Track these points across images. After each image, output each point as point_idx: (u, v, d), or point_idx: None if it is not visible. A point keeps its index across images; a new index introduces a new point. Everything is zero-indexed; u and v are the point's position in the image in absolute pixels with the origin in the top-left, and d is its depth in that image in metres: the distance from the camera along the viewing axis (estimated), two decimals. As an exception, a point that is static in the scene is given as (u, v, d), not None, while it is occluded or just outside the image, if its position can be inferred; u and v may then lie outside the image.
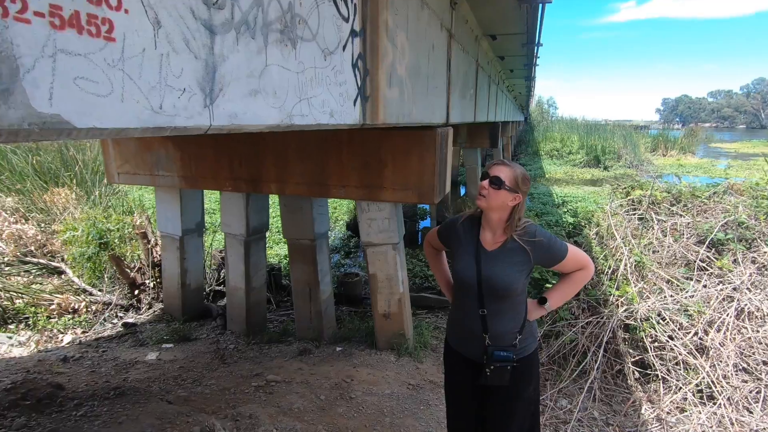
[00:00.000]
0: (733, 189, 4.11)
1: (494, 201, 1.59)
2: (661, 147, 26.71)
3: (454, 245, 1.76)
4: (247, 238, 4.19)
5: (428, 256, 2.01)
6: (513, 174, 1.61)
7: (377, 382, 3.35)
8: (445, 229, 1.84)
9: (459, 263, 1.69)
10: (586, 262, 1.68)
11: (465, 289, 1.67)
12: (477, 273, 1.62)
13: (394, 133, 3.26)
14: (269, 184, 3.73)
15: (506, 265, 1.62)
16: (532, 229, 1.64)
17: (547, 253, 1.64)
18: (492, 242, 1.67)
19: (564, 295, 1.75)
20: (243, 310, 4.36)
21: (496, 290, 1.61)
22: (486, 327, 1.64)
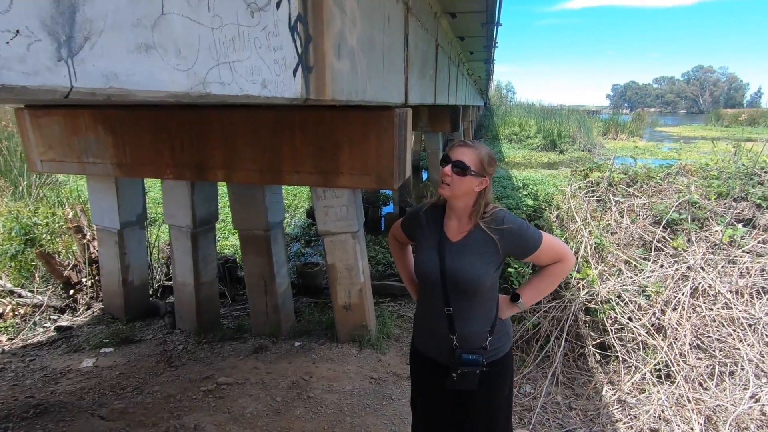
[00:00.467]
0: (685, 170, 4.23)
1: (459, 188, 1.43)
2: (611, 131, 27.92)
3: (417, 236, 1.60)
4: (194, 230, 3.86)
5: (393, 250, 1.83)
6: (478, 156, 1.45)
7: (338, 377, 3.19)
8: (409, 220, 1.68)
9: (421, 256, 1.53)
10: (564, 253, 1.51)
11: (429, 286, 1.52)
12: (440, 266, 1.46)
13: (350, 114, 3.04)
14: (216, 171, 3.42)
15: (473, 256, 1.46)
16: (500, 216, 1.48)
17: (518, 241, 1.47)
18: (457, 232, 1.51)
19: (539, 291, 1.60)
20: (193, 306, 4.06)
21: (461, 285, 1.45)
22: (453, 327, 1.49)
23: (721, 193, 3.57)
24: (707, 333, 2.64)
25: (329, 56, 1.59)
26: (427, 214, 1.59)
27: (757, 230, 3.17)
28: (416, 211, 1.65)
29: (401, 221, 1.73)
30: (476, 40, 6.88)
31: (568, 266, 1.54)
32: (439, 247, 1.49)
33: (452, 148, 1.48)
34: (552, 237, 1.54)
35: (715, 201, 3.49)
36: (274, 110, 3.14)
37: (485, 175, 1.46)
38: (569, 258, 1.53)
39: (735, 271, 2.85)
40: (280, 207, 3.91)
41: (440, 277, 1.47)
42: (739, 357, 2.48)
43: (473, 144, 1.48)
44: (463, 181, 1.42)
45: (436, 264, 1.48)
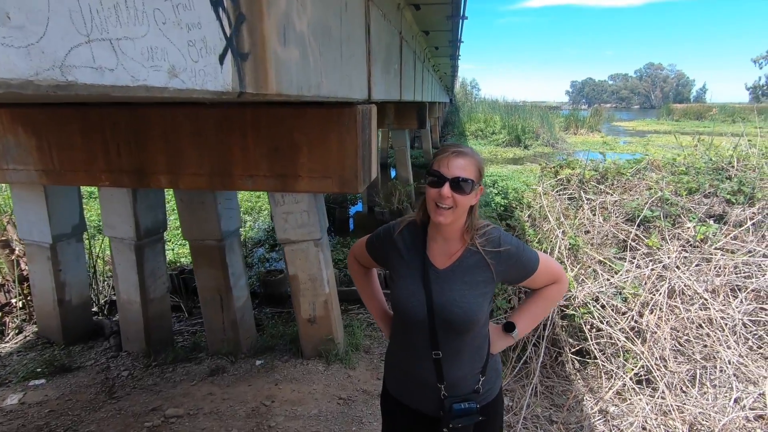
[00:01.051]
0: (653, 165, 4.23)
1: (461, 210, 1.19)
2: (572, 126, 28.76)
3: (393, 263, 1.31)
4: (138, 241, 3.47)
5: (355, 276, 1.54)
6: (475, 163, 1.20)
7: (303, 400, 2.92)
8: (378, 241, 1.38)
9: (401, 290, 1.26)
10: (559, 273, 1.33)
11: (410, 325, 1.25)
12: (427, 302, 1.21)
13: (308, 111, 2.77)
14: (158, 177, 3.06)
15: (465, 287, 1.21)
16: (495, 235, 1.24)
17: (516, 265, 1.25)
18: (444, 257, 1.25)
19: (534, 317, 1.39)
20: (140, 326, 3.67)
21: (454, 324, 1.20)
22: (441, 374, 1.24)
23: (692, 188, 3.56)
24: (686, 335, 2.57)
25: (271, 42, 1.32)
26: (404, 236, 1.31)
27: (727, 226, 3.16)
28: (388, 230, 1.35)
29: (366, 242, 1.42)
30: (441, 34, 6.71)
31: (563, 287, 1.36)
32: (424, 278, 1.23)
33: (444, 161, 1.19)
34: (546, 256, 1.33)
35: (686, 197, 3.47)
36: (220, 108, 2.82)
37: (481, 183, 1.23)
38: (564, 278, 1.35)
39: (710, 269, 2.80)
40: (235, 214, 3.57)
41: (427, 315, 1.21)
42: (719, 360, 2.42)
43: (464, 149, 1.21)
44: (465, 200, 1.18)
45: (422, 299, 1.21)
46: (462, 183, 1.15)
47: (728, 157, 3.91)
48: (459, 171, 1.16)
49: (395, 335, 1.39)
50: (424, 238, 1.28)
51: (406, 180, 9.83)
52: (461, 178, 1.16)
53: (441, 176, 1.17)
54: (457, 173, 1.16)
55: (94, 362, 3.59)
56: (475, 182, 1.18)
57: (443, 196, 1.16)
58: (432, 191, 1.18)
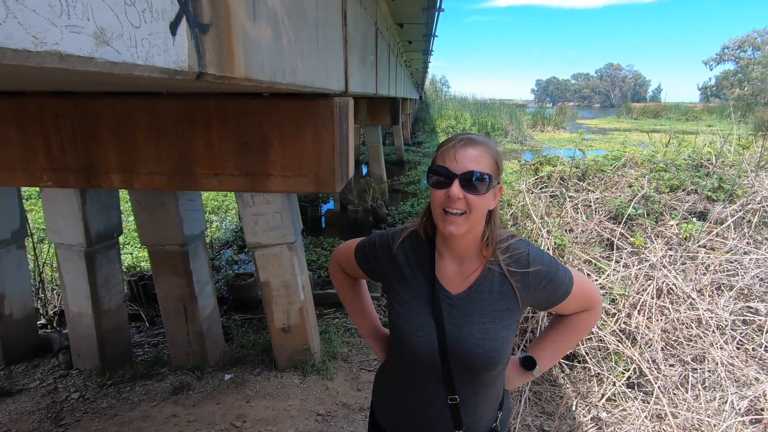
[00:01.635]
0: (633, 162, 4.24)
1: (477, 216, 0.94)
2: (539, 124, 29.41)
3: (392, 284, 1.06)
4: (88, 248, 3.12)
5: (339, 287, 1.28)
6: (491, 153, 0.95)
7: (277, 418, 2.69)
8: (372, 252, 1.12)
9: (406, 321, 1.01)
10: (595, 298, 1.09)
11: (418, 364, 1.02)
12: (439, 338, 0.98)
13: (281, 103, 2.53)
14: (110, 176, 2.73)
15: (487, 319, 0.97)
16: (522, 250, 1.00)
17: (546, 289, 1.00)
18: (459, 279, 1.01)
19: (560, 351, 1.16)
20: (93, 341, 3.32)
21: (473, 367, 0.98)
22: (459, 420, 1.03)
23: (673, 185, 3.56)
24: (676, 337, 2.52)
25: (239, 15, 1.09)
26: (407, 250, 1.06)
27: (708, 223, 3.16)
28: (385, 241, 1.10)
29: (356, 250, 1.17)
30: (416, 27, 6.55)
31: (597, 315, 1.12)
32: (434, 307, 0.99)
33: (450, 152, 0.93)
34: (581, 276, 1.08)
35: (668, 194, 3.47)
36: (180, 98, 2.53)
37: (500, 181, 0.99)
38: (599, 304, 1.12)
39: (695, 268, 2.78)
40: (199, 216, 3.28)
41: (439, 354, 0.98)
42: (710, 361, 2.38)
43: (476, 136, 0.96)
44: (482, 202, 0.93)
45: (432, 334, 0.98)
46: (476, 180, 0.90)
47: (706, 153, 3.96)
48: (471, 164, 0.91)
49: (393, 366, 1.14)
50: (431, 254, 1.03)
51: (379, 177, 9.65)
52: (475, 173, 0.90)
53: (448, 172, 0.92)
54: (468, 166, 0.91)
55: (39, 383, 3.21)
56: (492, 178, 0.93)
57: (453, 197, 0.90)
58: (438, 194, 0.94)
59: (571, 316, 1.10)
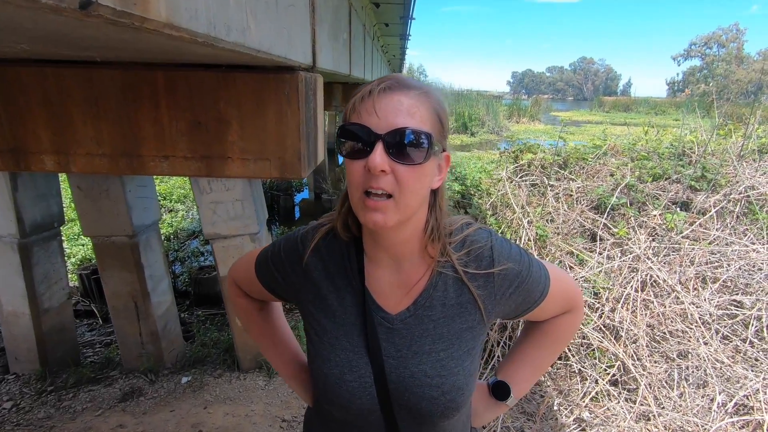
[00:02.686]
0: (614, 150, 4.15)
1: (414, 198, 0.63)
2: (515, 115, 29.69)
3: (308, 308, 0.76)
4: (23, 239, 2.77)
5: (242, 316, 0.96)
6: (431, 104, 0.64)
7: (238, 426, 2.45)
8: (277, 262, 0.80)
9: (328, 359, 0.72)
10: (576, 297, 0.85)
11: (351, 419, 0.74)
12: (376, 382, 0.70)
13: (238, 77, 2.23)
14: (42, 158, 2.36)
15: (441, 345, 0.70)
16: (483, 243, 0.72)
17: (518, 293, 0.73)
18: (398, 292, 0.72)
19: (539, 369, 0.90)
20: (32, 344, 2.98)
21: (429, 416, 0.70)
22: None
23: (656, 174, 3.48)
24: (662, 332, 2.43)
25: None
26: (323, 255, 0.75)
27: (690, 213, 3.09)
28: (293, 246, 0.78)
29: (257, 260, 0.85)
30: (392, 8, 6.28)
31: (579, 317, 0.88)
32: (367, 337, 0.70)
33: (368, 103, 0.62)
34: (557, 270, 0.82)
35: (651, 183, 3.38)
36: (121, 68, 2.21)
37: (446, 147, 0.69)
38: (581, 304, 0.87)
39: (680, 259, 2.69)
40: (151, 204, 2.96)
41: (379, 404, 0.70)
42: (696, 357, 2.29)
43: (406, 80, 0.64)
44: (418, 177, 0.62)
45: (367, 377, 0.70)
46: (410, 142, 0.60)
47: (689, 142, 3.91)
48: (401, 117, 0.60)
49: (320, 418, 0.85)
50: (358, 260, 0.73)
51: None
52: (408, 133, 0.59)
53: (365, 132, 0.61)
54: (396, 122, 0.60)
55: (-33, 391, 2.86)
56: (434, 140, 0.62)
57: (374, 170, 0.60)
58: (354, 168, 0.62)
59: (549, 322, 0.84)
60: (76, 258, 5.37)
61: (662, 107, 36.59)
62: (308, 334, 0.77)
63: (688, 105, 7.95)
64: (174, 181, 9.28)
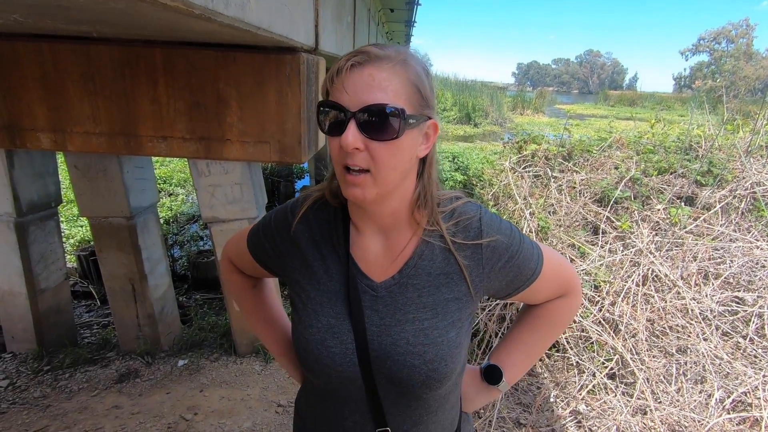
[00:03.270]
0: (619, 143, 4.09)
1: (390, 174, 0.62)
2: (519, 106, 29.44)
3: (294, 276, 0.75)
4: (19, 218, 2.75)
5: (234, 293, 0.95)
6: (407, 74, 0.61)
7: (233, 410, 2.45)
8: (268, 234, 0.80)
9: (310, 325, 0.71)
10: (572, 279, 0.83)
11: (332, 386, 0.73)
12: (358, 348, 0.69)
13: (238, 56, 2.20)
14: (38, 135, 2.36)
15: (426, 314, 0.69)
16: (471, 214, 0.70)
17: (507, 269, 0.72)
18: (384, 261, 0.72)
19: (533, 355, 0.88)
20: (29, 323, 2.98)
21: (410, 385, 0.69)
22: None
23: (662, 168, 3.43)
24: (662, 327, 2.41)
25: None
26: (311, 223, 0.74)
27: (695, 208, 3.05)
28: (282, 216, 0.77)
29: (249, 234, 0.84)
30: (398, -7, 6.16)
31: (577, 302, 0.86)
32: (351, 303, 0.69)
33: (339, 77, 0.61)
34: (552, 251, 0.81)
35: (656, 177, 3.34)
36: (119, 45, 2.16)
37: (431, 116, 0.66)
38: (578, 287, 0.85)
39: (683, 254, 2.66)
40: (149, 186, 2.93)
41: (360, 371, 0.69)
42: (695, 353, 2.27)
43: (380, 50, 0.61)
44: (394, 153, 0.61)
45: (349, 342, 0.69)
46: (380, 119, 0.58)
47: (696, 136, 3.85)
48: (372, 93, 0.58)
49: (306, 390, 0.85)
50: (345, 227, 0.73)
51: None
52: (378, 109, 0.58)
53: (338, 110, 0.60)
54: (367, 98, 0.58)
55: (-36, 369, 2.86)
56: (408, 113, 0.60)
57: (347, 148, 0.59)
58: (333, 143, 0.63)
59: (543, 306, 0.83)
60: (75, 239, 5.36)
61: (668, 102, 36.23)
62: (293, 303, 0.76)
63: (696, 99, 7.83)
64: (174, 165, 9.23)
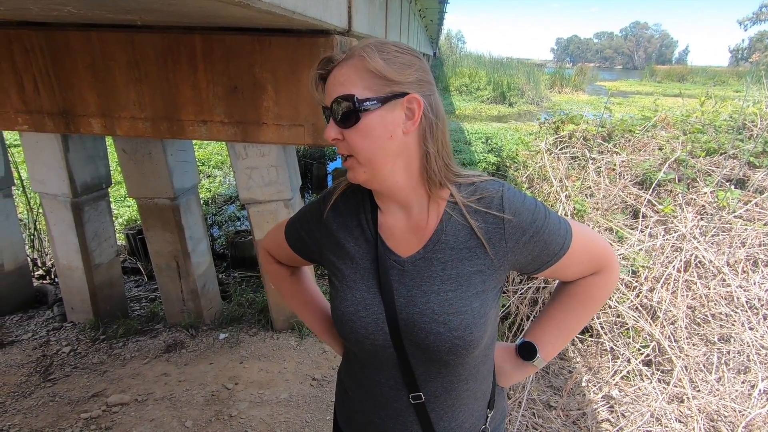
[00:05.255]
0: (664, 122, 3.86)
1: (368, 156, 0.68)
2: (557, 84, 28.16)
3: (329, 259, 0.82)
4: (74, 198, 2.95)
5: (275, 282, 1.02)
6: (363, 59, 0.65)
7: (271, 381, 2.59)
8: (303, 224, 0.86)
9: (344, 299, 0.77)
10: (606, 255, 0.81)
11: (366, 354, 0.79)
12: (388, 317, 0.74)
13: (273, 41, 2.23)
14: (89, 120, 2.50)
15: (449, 286, 0.72)
16: (493, 190, 0.72)
17: (534, 243, 0.72)
18: (411, 236, 0.76)
19: (567, 333, 0.88)
20: (85, 296, 3.22)
21: (434, 352, 0.73)
22: (430, 425, 0.79)
23: (710, 149, 3.23)
24: (703, 314, 2.32)
25: None
26: (341, 210, 0.81)
27: (746, 191, 2.87)
28: (316, 207, 0.84)
29: (286, 227, 0.91)
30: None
31: (612, 279, 0.84)
32: (380, 276, 0.75)
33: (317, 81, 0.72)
34: (583, 228, 0.80)
35: (704, 158, 3.15)
36: (161, 32, 2.24)
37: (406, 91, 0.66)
38: (613, 264, 0.83)
39: (730, 240, 2.53)
40: (191, 168, 3.06)
41: (390, 338, 0.74)
42: (740, 342, 2.19)
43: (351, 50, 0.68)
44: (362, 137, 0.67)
45: (379, 313, 0.74)
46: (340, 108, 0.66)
47: (751, 114, 3.58)
48: (336, 89, 0.66)
49: (345, 360, 0.92)
50: (372, 209, 0.78)
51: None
52: (336, 100, 0.66)
53: (324, 109, 0.71)
54: (333, 94, 0.67)
55: (32, 335, 3.15)
56: (361, 98, 0.64)
57: (327, 139, 0.71)
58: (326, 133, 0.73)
59: (576, 283, 0.83)
60: (123, 219, 5.68)
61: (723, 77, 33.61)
62: (330, 282, 0.83)
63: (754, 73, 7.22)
64: (212, 147, 9.52)
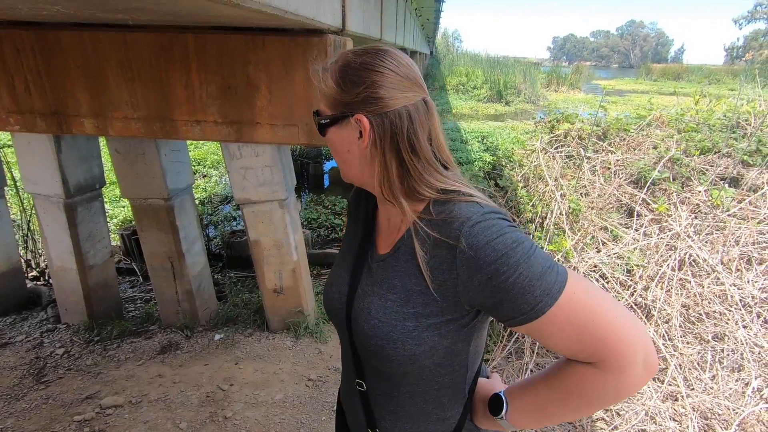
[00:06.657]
0: (659, 122, 3.87)
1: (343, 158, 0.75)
2: (553, 83, 28.19)
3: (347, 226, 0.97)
4: (67, 199, 2.93)
5: None
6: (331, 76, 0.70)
7: (267, 382, 2.58)
8: (349, 205, 0.99)
9: (332, 270, 0.89)
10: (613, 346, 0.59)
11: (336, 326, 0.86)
12: (347, 300, 0.78)
13: (267, 40, 2.22)
14: (82, 121, 2.48)
15: (393, 297, 0.71)
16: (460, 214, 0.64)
17: (490, 287, 0.61)
18: (388, 236, 0.78)
19: (542, 411, 0.71)
20: (79, 297, 3.20)
21: (365, 351, 0.75)
22: (371, 415, 0.80)
23: (705, 148, 3.24)
24: (697, 313, 2.33)
25: None
26: (361, 196, 0.90)
27: (740, 189, 2.88)
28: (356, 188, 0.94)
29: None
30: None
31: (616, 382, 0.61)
32: (355, 264, 0.80)
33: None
34: (591, 294, 0.61)
35: (698, 157, 3.16)
36: (153, 31, 2.22)
37: (351, 112, 0.67)
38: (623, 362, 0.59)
39: (724, 239, 2.54)
40: (184, 168, 3.04)
41: (345, 319, 0.78)
42: (734, 340, 2.20)
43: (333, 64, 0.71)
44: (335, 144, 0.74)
45: (343, 294, 0.80)
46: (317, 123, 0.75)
47: (745, 113, 3.59)
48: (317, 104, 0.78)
49: None
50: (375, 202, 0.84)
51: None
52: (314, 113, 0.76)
53: None
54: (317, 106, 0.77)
55: (25, 337, 3.12)
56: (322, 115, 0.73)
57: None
58: None
59: (567, 363, 0.65)
60: (117, 219, 5.65)
61: (718, 75, 33.72)
62: None
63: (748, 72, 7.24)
64: (208, 147, 9.48)
